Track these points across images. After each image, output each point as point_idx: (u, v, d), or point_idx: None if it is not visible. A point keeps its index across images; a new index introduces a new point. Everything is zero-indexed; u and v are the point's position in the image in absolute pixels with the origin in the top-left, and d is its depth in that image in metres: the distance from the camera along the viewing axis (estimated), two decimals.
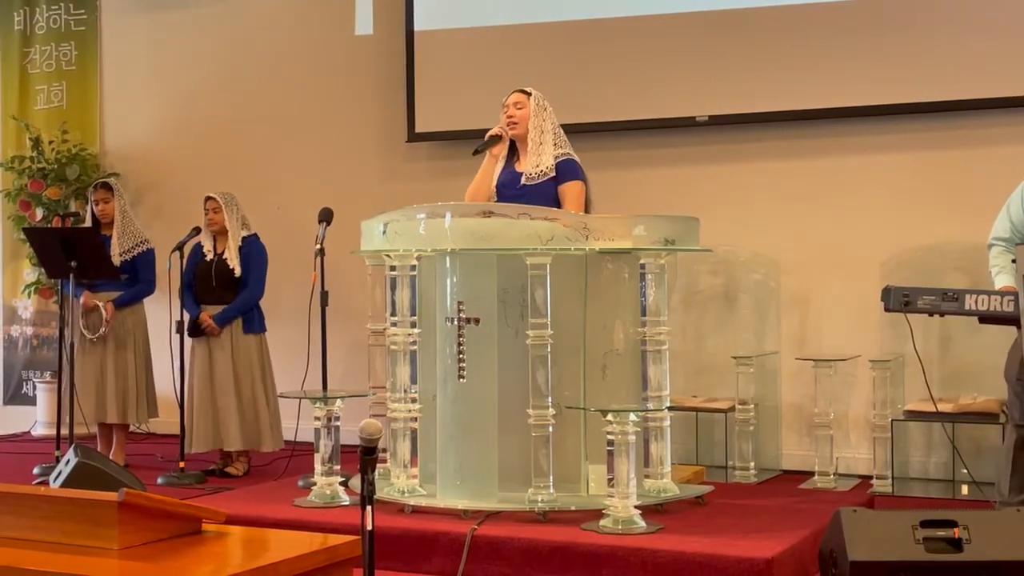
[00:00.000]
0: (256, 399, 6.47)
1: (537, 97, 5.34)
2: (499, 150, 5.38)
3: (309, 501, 5.19)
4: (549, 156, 5.26)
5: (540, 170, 5.23)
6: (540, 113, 5.31)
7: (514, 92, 5.41)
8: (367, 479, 2.92)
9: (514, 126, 5.33)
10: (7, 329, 8.72)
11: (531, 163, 5.27)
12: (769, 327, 6.59)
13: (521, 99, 5.35)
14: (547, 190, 5.18)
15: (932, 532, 3.87)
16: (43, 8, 8.63)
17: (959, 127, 6.24)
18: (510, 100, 5.38)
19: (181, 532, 3.06)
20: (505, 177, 5.34)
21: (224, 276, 6.48)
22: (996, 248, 4.90)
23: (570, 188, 5.21)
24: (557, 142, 5.30)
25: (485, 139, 5.37)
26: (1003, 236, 4.89)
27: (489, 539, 4.57)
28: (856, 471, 6.21)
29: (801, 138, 6.55)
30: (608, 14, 6.86)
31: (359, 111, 7.64)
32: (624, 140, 6.87)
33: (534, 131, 5.29)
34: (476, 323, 4.99)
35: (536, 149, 5.28)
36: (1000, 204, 4.96)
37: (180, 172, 8.07)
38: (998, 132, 6.14)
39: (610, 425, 4.60)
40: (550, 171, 5.23)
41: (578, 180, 5.24)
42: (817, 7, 6.43)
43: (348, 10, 7.68)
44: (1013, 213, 4.86)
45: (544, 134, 5.29)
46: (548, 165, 5.23)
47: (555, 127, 5.33)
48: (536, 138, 5.29)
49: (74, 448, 3.88)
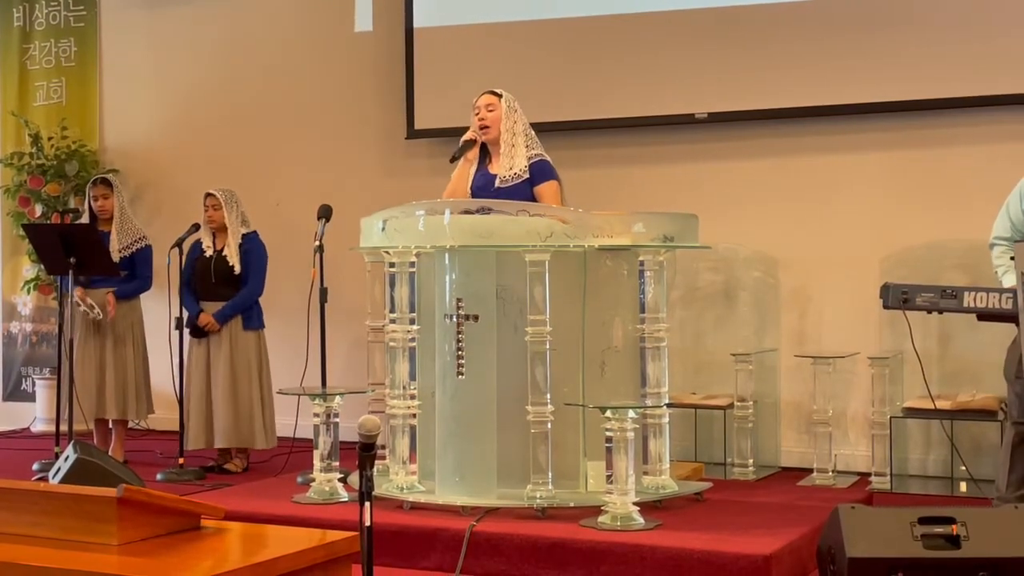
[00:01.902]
0: (252, 397, 6.47)
1: (508, 99, 5.31)
2: (473, 154, 5.37)
3: (308, 497, 5.19)
4: (522, 158, 5.24)
5: (514, 172, 5.22)
6: (511, 115, 5.29)
7: (484, 93, 5.36)
8: (366, 475, 2.92)
9: (486, 130, 5.32)
10: (6, 325, 8.72)
11: (504, 166, 5.26)
12: (768, 324, 6.59)
13: (492, 101, 5.31)
14: (523, 191, 5.18)
15: (930, 529, 3.87)
16: (42, 4, 8.62)
17: (960, 124, 6.23)
18: (480, 102, 5.34)
19: (180, 528, 3.06)
20: (480, 180, 5.33)
21: (223, 273, 6.48)
22: (998, 248, 4.91)
23: (546, 188, 5.21)
24: (528, 143, 5.29)
25: (460, 144, 5.35)
26: (1004, 236, 4.90)
27: (488, 535, 4.57)
28: (855, 468, 6.22)
29: (800, 135, 6.55)
30: (607, 11, 6.85)
31: (358, 108, 7.64)
32: (623, 137, 6.87)
33: (506, 133, 5.27)
34: (475, 320, 4.99)
35: (508, 151, 5.26)
36: (999, 202, 4.97)
37: (179, 169, 8.07)
38: (999, 129, 6.14)
39: (609, 422, 4.61)
40: (524, 173, 5.22)
41: (553, 180, 5.24)
42: (819, 4, 6.42)
43: (348, 7, 7.68)
44: (1012, 212, 4.86)
45: (516, 136, 5.28)
46: (522, 167, 5.23)
47: (526, 128, 5.31)
48: (508, 140, 5.27)
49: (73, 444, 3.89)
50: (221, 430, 6.42)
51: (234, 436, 6.44)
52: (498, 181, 5.24)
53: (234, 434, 6.43)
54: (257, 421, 6.46)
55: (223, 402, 6.42)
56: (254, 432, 6.46)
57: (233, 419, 6.42)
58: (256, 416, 6.46)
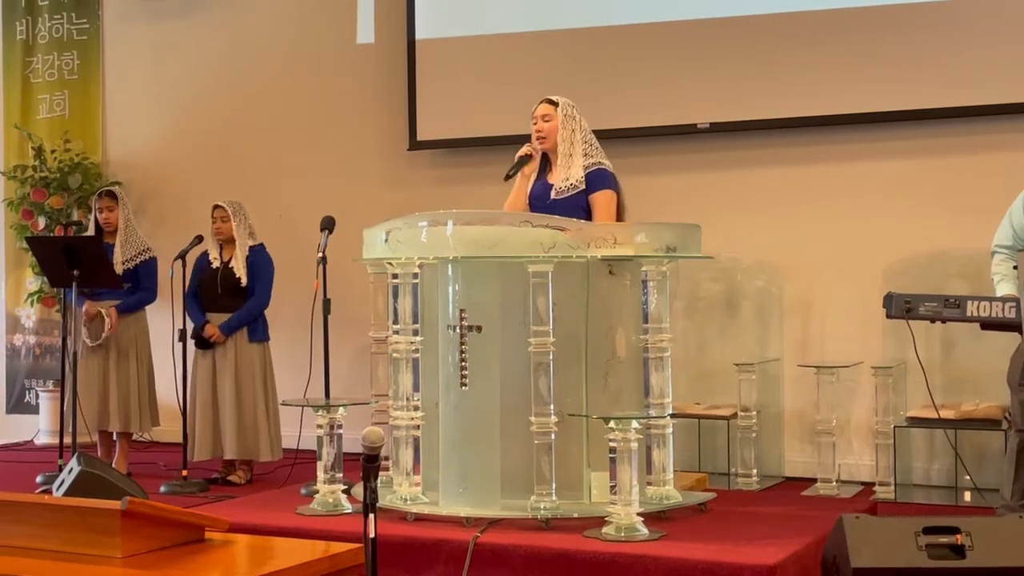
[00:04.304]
0: (256, 408, 6.47)
1: (565, 106, 5.27)
2: (531, 168, 5.33)
3: (312, 509, 5.19)
4: (578, 168, 5.20)
5: (570, 183, 5.20)
6: (568, 123, 5.25)
7: (541, 102, 5.32)
8: (369, 487, 2.92)
9: (543, 140, 5.29)
10: (10, 338, 8.72)
11: (560, 176, 5.24)
12: (771, 334, 6.59)
13: (548, 111, 5.28)
14: (578, 202, 5.15)
15: (935, 539, 3.87)
16: (45, 17, 8.64)
17: (961, 133, 6.24)
18: (537, 112, 5.31)
19: (184, 540, 3.06)
20: (538, 189, 5.32)
21: (230, 285, 6.49)
22: (999, 255, 4.92)
23: (599, 198, 5.18)
24: (587, 151, 5.24)
25: (515, 160, 5.33)
26: (1006, 244, 4.91)
27: (492, 547, 4.57)
28: (859, 478, 6.21)
29: (803, 145, 6.55)
30: (609, 22, 6.86)
31: (361, 119, 7.65)
32: (625, 147, 6.86)
33: (563, 143, 5.24)
34: (478, 331, 5.00)
35: (565, 162, 5.23)
36: (1003, 210, 4.97)
37: (182, 181, 8.08)
38: (1001, 138, 6.14)
39: (612, 432, 4.61)
40: (580, 184, 5.19)
41: (607, 189, 5.19)
42: (819, 14, 6.43)
43: (350, 19, 7.70)
44: (1015, 220, 4.87)
45: (574, 145, 5.23)
46: (578, 178, 5.19)
47: (585, 134, 5.26)
48: (566, 150, 5.23)
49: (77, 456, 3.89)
50: (227, 441, 6.42)
51: (240, 448, 6.44)
52: (553, 192, 5.22)
53: (240, 446, 6.43)
54: (263, 433, 6.46)
55: (228, 414, 6.42)
56: (259, 444, 6.46)
57: (238, 431, 6.42)
58: (261, 428, 6.46)
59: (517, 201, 5.34)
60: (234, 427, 6.41)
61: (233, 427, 6.41)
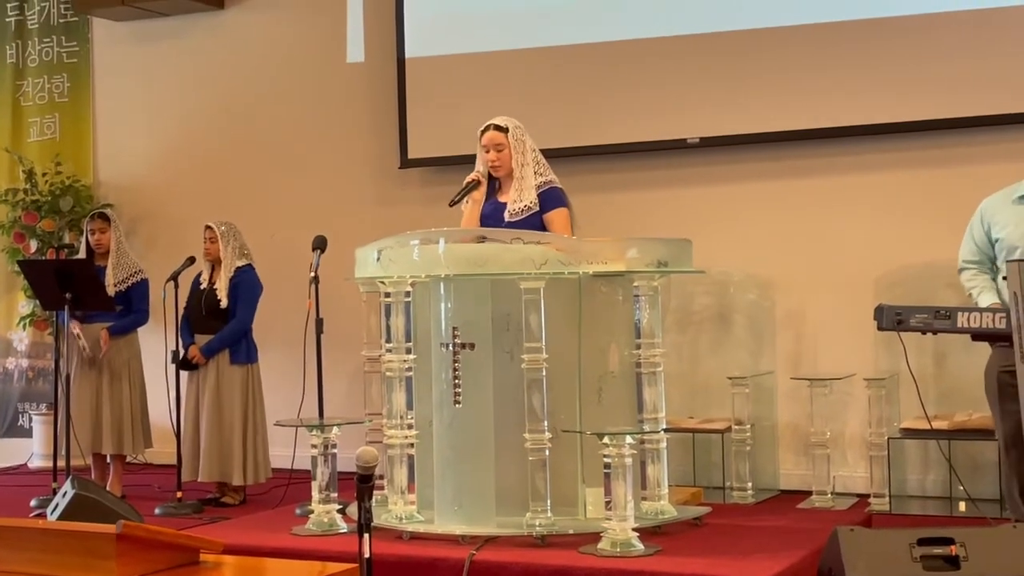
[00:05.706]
0: (234, 431, 6.40)
1: (514, 132, 5.28)
2: (480, 194, 5.36)
3: (307, 529, 5.18)
4: (531, 189, 5.23)
5: (523, 205, 5.22)
6: (519, 147, 5.27)
7: (490, 130, 5.30)
8: (364, 506, 2.92)
9: (496, 169, 5.32)
10: (2, 361, 8.71)
11: (513, 197, 5.26)
12: (764, 347, 6.59)
13: (499, 139, 5.27)
14: (532, 223, 5.17)
15: (929, 550, 3.87)
16: (35, 41, 8.65)
17: (950, 145, 6.26)
18: (488, 141, 5.30)
19: (179, 563, 3.06)
20: (487, 209, 5.32)
21: (212, 306, 6.48)
22: (968, 272, 5.01)
23: (555, 216, 5.21)
24: (538, 170, 5.28)
25: (463, 186, 5.34)
26: (973, 259, 5.00)
27: (488, 564, 4.56)
28: (853, 490, 6.21)
29: (793, 158, 6.57)
30: (597, 39, 6.88)
31: (351, 138, 7.66)
32: (615, 163, 6.90)
33: (516, 168, 5.27)
34: (471, 348, 5.00)
35: (518, 184, 5.26)
36: None
37: (174, 202, 8.08)
38: (989, 150, 6.16)
39: (607, 448, 4.61)
40: (534, 205, 5.22)
41: (562, 207, 5.24)
42: (808, 28, 6.45)
43: (339, 38, 7.71)
44: (976, 236, 4.97)
45: (524, 167, 5.27)
46: (531, 200, 5.22)
47: (535, 154, 5.29)
48: (518, 173, 5.27)
49: (71, 480, 3.89)
50: (201, 463, 6.39)
51: (210, 470, 6.39)
52: (507, 214, 5.23)
53: (214, 467, 6.39)
54: (236, 455, 6.37)
55: (206, 435, 6.40)
56: (232, 466, 6.39)
57: (210, 453, 6.39)
58: (236, 450, 6.37)
59: (469, 226, 5.31)
60: (207, 449, 6.38)
61: (207, 449, 6.38)
